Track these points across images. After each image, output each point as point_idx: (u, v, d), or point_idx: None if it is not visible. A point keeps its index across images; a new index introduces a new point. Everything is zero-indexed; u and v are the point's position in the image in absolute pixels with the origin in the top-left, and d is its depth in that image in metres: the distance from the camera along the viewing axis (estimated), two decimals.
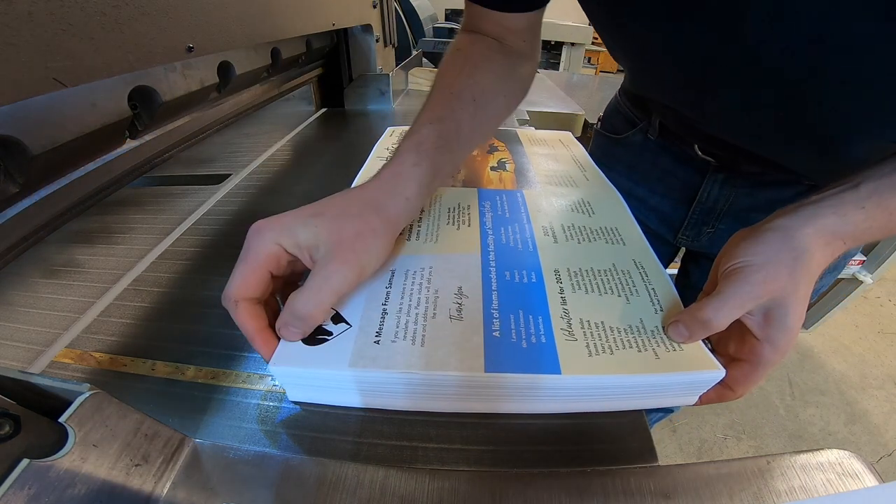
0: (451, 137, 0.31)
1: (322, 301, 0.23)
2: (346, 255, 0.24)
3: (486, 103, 0.34)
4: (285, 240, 0.24)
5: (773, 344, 0.24)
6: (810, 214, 0.25)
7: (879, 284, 1.46)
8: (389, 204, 0.27)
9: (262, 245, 0.23)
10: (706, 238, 0.49)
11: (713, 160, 0.43)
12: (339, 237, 0.24)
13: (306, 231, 0.24)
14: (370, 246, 0.25)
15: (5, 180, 0.30)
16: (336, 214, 0.25)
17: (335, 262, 0.23)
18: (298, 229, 0.24)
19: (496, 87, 0.35)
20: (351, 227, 0.24)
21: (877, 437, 1.15)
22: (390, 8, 0.93)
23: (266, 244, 0.23)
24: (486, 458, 0.23)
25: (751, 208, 0.44)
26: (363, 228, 0.25)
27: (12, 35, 0.23)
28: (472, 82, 0.33)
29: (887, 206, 0.25)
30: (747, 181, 0.43)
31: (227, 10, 0.41)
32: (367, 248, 0.25)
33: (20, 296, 0.35)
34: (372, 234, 0.25)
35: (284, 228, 0.24)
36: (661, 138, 0.47)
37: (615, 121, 0.54)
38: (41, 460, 0.16)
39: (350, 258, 0.24)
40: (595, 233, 0.34)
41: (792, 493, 0.20)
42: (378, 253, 0.26)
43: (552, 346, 0.24)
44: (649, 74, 0.41)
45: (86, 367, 0.28)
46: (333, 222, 0.24)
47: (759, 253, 0.24)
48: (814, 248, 0.24)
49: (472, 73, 0.34)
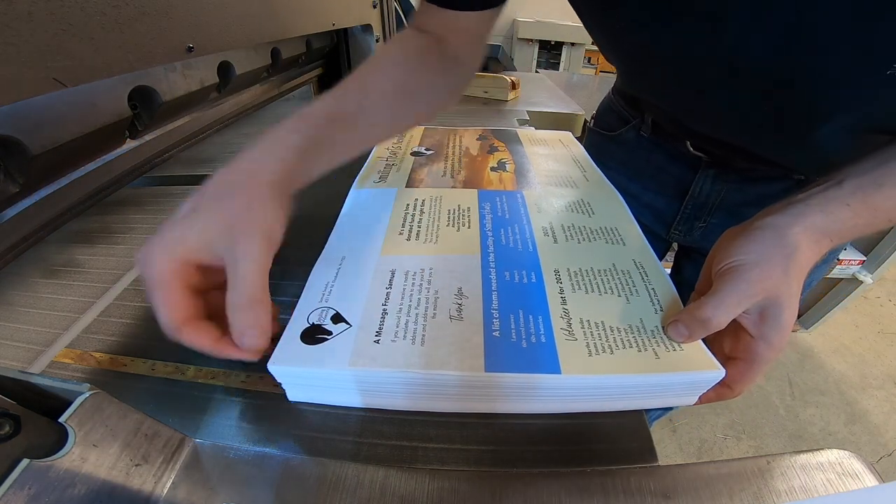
0: (346, 118, 0.30)
1: (249, 292, 0.22)
2: (243, 235, 0.22)
3: (400, 94, 0.33)
4: (175, 252, 0.22)
5: (767, 341, 0.24)
6: (798, 213, 0.25)
7: (879, 284, 1.46)
8: (263, 168, 0.24)
9: (156, 269, 0.21)
10: (698, 233, 0.50)
11: (705, 156, 0.44)
12: (227, 222, 0.22)
13: (190, 234, 0.22)
14: (262, 216, 0.23)
15: (5, 180, 0.30)
16: (211, 202, 0.23)
17: (238, 247, 0.22)
18: (182, 235, 0.22)
19: (418, 83, 0.35)
20: (232, 207, 0.22)
21: (877, 437, 1.15)
22: (390, 8, 0.93)
23: (160, 266, 0.21)
24: (486, 458, 0.23)
25: (742, 203, 0.45)
26: (246, 201, 0.23)
27: (12, 35, 0.23)
28: (392, 73, 0.33)
29: (871, 203, 0.25)
30: (738, 176, 0.44)
31: (227, 10, 0.41)
32: (260, 218, 0.23)
33: (20, 296, 0.35)
34: (259, 204, 0.23)
35: (168, 242, 0.22)
36: (653, 135, 0.48)
37: (608, 118, 0.55)
38: (41, 460, 0.16)
39: (249, 236, 0.22)
40: (595, 233, 0.34)
41: (792, 493, 0.20)
42: (273, 216, 0.23)
43: (552, 345, 0.24)
44: (640, 74, 0.41)
45: (86, 367, 0.28)
46: (213, 212, 0.22)
47: (752, 251, 0.24)
48: (803, 246, 0.25)
49: (392, 68, 0.34)
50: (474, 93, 0.88)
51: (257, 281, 0.22)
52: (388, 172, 0.45)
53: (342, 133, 0.29)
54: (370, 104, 0.31)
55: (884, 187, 0.25)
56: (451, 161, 0.47)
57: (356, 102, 0.31)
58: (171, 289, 0.21)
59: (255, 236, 0.22)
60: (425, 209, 0.37)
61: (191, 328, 0.22)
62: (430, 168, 0.45)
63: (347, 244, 0.33)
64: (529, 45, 2.69)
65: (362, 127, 0.31)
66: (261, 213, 0.23)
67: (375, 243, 0.33)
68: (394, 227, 0.35)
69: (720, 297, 0.24)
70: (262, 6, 0.47)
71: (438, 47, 0.36)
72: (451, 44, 0.36)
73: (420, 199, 0.39)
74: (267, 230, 0.23)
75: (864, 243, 1.26)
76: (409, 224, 0.35)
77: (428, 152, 0.50)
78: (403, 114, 0.35)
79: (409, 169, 0.45)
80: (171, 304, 0.21)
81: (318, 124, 0.28)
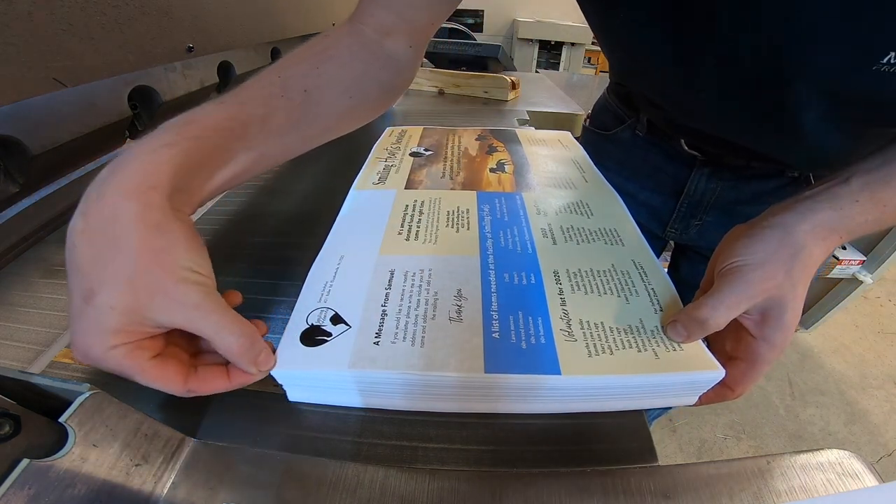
0: (248, 123, 0.25)
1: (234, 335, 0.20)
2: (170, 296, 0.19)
3: (321, 99, 0.29)
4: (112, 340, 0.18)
5: (769, 342, 0.24)
6: (807, 209, 0.25)
7: (879, 284, 1.46)
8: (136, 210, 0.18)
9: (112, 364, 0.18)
10: (694, 231, 0.50)
11: (699, 154, 0.44)
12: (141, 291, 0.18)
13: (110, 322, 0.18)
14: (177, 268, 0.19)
15: (5, 180, 0.30)
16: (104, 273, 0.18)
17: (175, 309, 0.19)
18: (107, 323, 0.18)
19: (345, 85, 0.31)
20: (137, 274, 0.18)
21: (877, 437, 1.15)
22: None
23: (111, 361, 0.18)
24: (486, 458, 0.23)
25: (736, 201, 0.46)
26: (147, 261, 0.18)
27: (12, 35, 0.23)
28: (314, 72, 0.29)
29: (880, 199, 0.25)
30: (732, 174, 0.44)
31: (227, 10, 0.41)
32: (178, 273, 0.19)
33: (20, 296, 0.35)
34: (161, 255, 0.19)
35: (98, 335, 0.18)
36: (648, 134, 0.48)
37: (604, 118, 0.55)
38: (41, 460, 0.16)
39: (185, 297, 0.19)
40: (594, 234, 0.34)
41: (792, 493, 0.20)
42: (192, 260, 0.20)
43: (552, 346, 0.24)
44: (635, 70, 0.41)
45: (86, 367, 0.28)
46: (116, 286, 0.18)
47: (756, 251, 0.24)
48: (811, 245, 0.25)
49: (320, 62, 0.30)
50: (474, 93, 0.88)
51: (234, 331, 0.20)
52: (388, 174, 0.45)
53: (243, 144, 0.25)
54: (281, 110, 0.27)
55: (891, 184, 0.26)
56: (451, 162, 0.47)
57: (264, 108, 0.26)
58: (145, 370, 0.19)
59: (195, 296, 0.19)
60: (424, 210, 0.37)
61: (198, 384, 0.21)
62: (429, 169, 0.45)
63: (346, 244, 0.33)
64: (529, 45, 2.69)
65: (273, 135, 0.27)
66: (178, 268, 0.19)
67: (374, 243, 0.33)
68: (393, 228, 0.35)
69: (719, 297, 0.24)
70: (262, 6, 0.47)
71: (376, 48, 0.32)
72: (391, 44, 0.33)
73: (419, 201, 0.39)
74: (199, 280, 0.20)
75: (864, 243, 1.26)
76: (408, 224, 0.35)
77: (427, 153, 0.50)
78: (323, 124, 0.31)
79: (408, 170, 0.45)
80: (160, 379, 0.19)
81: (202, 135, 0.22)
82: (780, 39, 0.26)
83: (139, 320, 0.19)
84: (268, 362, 0.22)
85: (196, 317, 0.19)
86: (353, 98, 0.32)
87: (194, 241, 0.20)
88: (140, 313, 0.18)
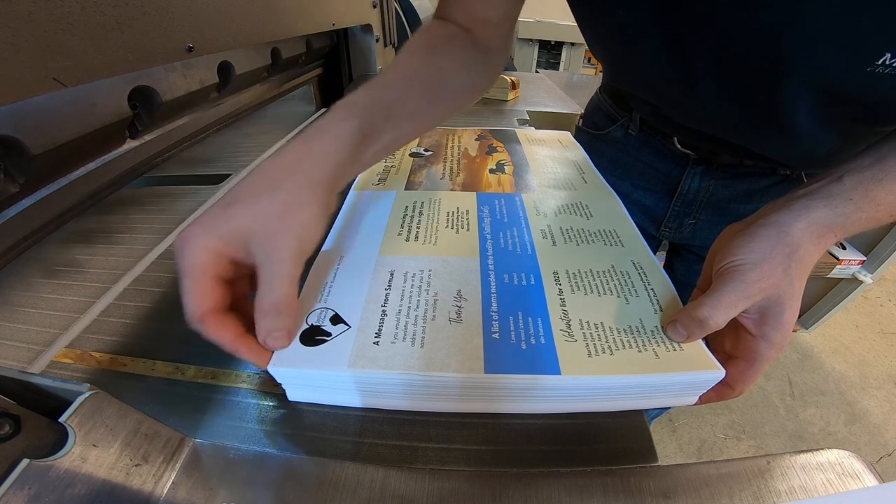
0: (394, 105, 0.28)
1: (278, 298, 0.22)
2: (277, 239, 0.21)
3: (441, 82, 0.33)
4: (211, 242, 0.21)
5: (768, 340, 0.24)
6: (802, 208, 0.26)
7: (879, 284, 1.46)
8: (311, 165, 0.23)
9: (191, 257, 0.21)
10: (688, 230, 0.50)
11: (692, 153, 0.45)
12: (262, 222, 0.21)
13: (227, 226, 0.21)
14: (299, 219, 0.22)
15: (5, 180, 0.30)
16: (252, 197, 0.22)
17: (270, 250, 0.21)
18: (219, 227, 0.21)
19: (455, 71, 0.34)
20: (271, 206, 0.22)
21: (877, 437, 1.15)
22: (390, 8, 0.93)
23: (195, 254, 0.21)
24: (486, 458, 0.23)
25: (730, 199, 0.46)
26: (286, 202, 0.22)
27: (12, 35, 0.23)
28: (430, 59, 0.32)
29: (873, 198, 0.26)
30: (725, 172, 0.45)
31: (227, 10, 0.41)
32: (297, 222, 0.22)
33: (20, 296, 0.35)
34: (297, 206, 0.22)
35: (206, 231, 0.21)
36: (641, 133, 0.49)
37: (596, 118, 0.55)
38: (41, 460, 0.16)
39: (283, 241, 0.21)
40: (593, 235, 0.34)
41: (792, 493, 0.20)
42: (313, 223, 0.23)
43: (552, 346, 0.24)
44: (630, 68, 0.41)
45: (86, 367, 0.28)
46: (251, 207, 0.22)
47: (753, 251, 0.24)
48: (807, 243, 0.25)
49: (431, 53, 0.33)
50: None
51: (286, 287, 0.22)
52: (388, 174, 0.45)
53: (389, 124, 0.28)
54: (416, 95, 0.30)
55: (884, 182, 0.26)
56: (450, 163, 0.47)
57: (402, 93, 0.29)
58: (201, 279, 0.21)
59: (290, 241, 0.21)
60: (424, 211, 0.37)
61: (214, 321, 0.22)
62: (429, 170, 0.45)
63: (345, 244, 0.33)
64: (529, 45, 2.69)
65: (407, 119, 0.30)
66: (298, 217, 0.22)
67: (374, 243, 0.33)
68: (392, 228, 0.35)
69: (718, 297, 0.24)
70: (262, 6, 0.47)
71: (467, 37, 0.35)
72: (479, 33, 0.35)
73: (419, 202, 0.39)
74: (302, 235, 0.22)
75: (864, 243, 1.26)
76: (407, 225, 0.35)
77: (427, 153, 0.50)
78: (444, 106, 0.34)
79: (408, 170, 0.45)
80: (198, 294, 0.21)
81: (364, 115, 0.26)
82: (776, 39, 0.26)
83: (243, 243, 0.21)
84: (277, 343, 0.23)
85: (272, 256, 0.21)
86: (463, 83, 0.35)
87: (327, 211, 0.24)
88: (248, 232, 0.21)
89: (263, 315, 0.22)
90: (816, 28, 0.24)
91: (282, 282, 0.22)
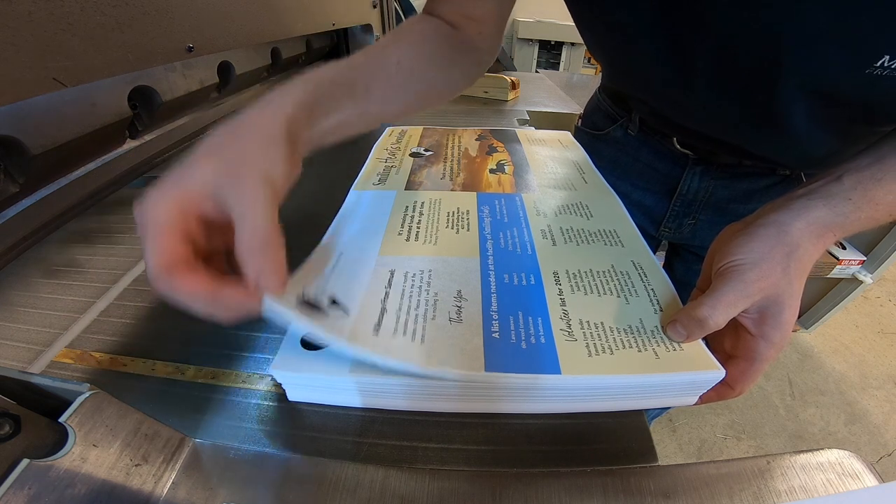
0: (356, 85, 0.28)
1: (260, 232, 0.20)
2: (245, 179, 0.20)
3: (412, 71, 0.32)
4: (173, 196, 0.20)
5: (768, 340, 0.24)
6: (801, 207, 0.26)
7: (879, 284, 1.46)
8: (265, 119, 0.23)
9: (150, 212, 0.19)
10: (688, 230, 0.50)
11: (692, 153, 0.45)
12: (227, 167, 0.21)
13: (190, 181, 0.20)
14: (264, 162, 0.21)
15: (5, 180, 0.30)
16: (210, 152, 0.21)
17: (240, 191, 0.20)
18: (181, 182, 0.20)
19: (431, 62, 0.34)
20: (233, 153, 0.21)
21: (877, 437, 1.15)
22: (390, 8, 0.93)
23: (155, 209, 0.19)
24: (486, 458, 0.23)
25: (729, 199, 0.46)
26: (246, 150, 0.21)
27: (12, 35, 0.23)
28: (404, 48, 0.32)
29: (872, 198, 0.26)
30: (725, 173, 0.44)
31: (227, 10, 0.41)
32: (261, 165, 0.21)
33: (20, 296, 0.35)
34: (259, 152, 0.21)
35: (168, 187, 0.20)
36: (641, 133, 0.48)
37: (596, 118, 0.55)
38: (41, 460, 0.16)
39: (251, 179, 0.20)
40: (593, 235, 0.34)
41: (792, 493, 0.20)
42: (278, 166, 0.22)
43: (552, 346, 0.24)
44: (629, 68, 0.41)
45: (86, 367, 0.28)
46: (211, 160, 0.21)
47: (752, 250, 0.24)
48: (806, 243, 0.25)
49: (409, 41, 0.33)
50: (474, 93, 0.88)
51: (266, 221, 0.20)
52: (388, 174, 0.45)
53: (350, 100, 0.28)
54: (384, 77, 0.30)
55: (882, 181, 0.26)
56: (451, 163, 0.47)
57: (368, 73, 0.29)
58: (161, 233, 0.19)
59: (258, 180, 0.20)
60: (424, 211, 0.37)
61: (180, 273, 0.19)
62: (429, 170, 0.45)
63: (345, 243, 0.33)
64: (529, 45, 2.69)
65: (373, 99, 0.30)
66: (263, 159, 0.21)
67: (374, 243, 0.33)
68: (393, 228, 0.35)
69: (717, 296, 0.24)
70: (262, 6, 0.47)
71: (452, 32, 0.35)
72: (466, 32, 0.35)
73: (419, 202, 0.39)
74: (269, 175, 0.21)
75: (864, 243, 1.26)
76: (408, 225, 0.35)
77: (427, 153, 0.50)
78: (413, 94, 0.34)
79: (408, 170, 0.45)
80: (158, 248, 0.19)
81: (323, 85, 0.27)
82: (775, 40, 0.26)
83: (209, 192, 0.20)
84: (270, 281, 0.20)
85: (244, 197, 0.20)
86: (440, 71, 0.35)
87: (290, 161, 0.23)
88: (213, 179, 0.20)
89: (250, 254, 0.20)
90: (816, 29, 0.24)
91: (261, 217, 0.20)
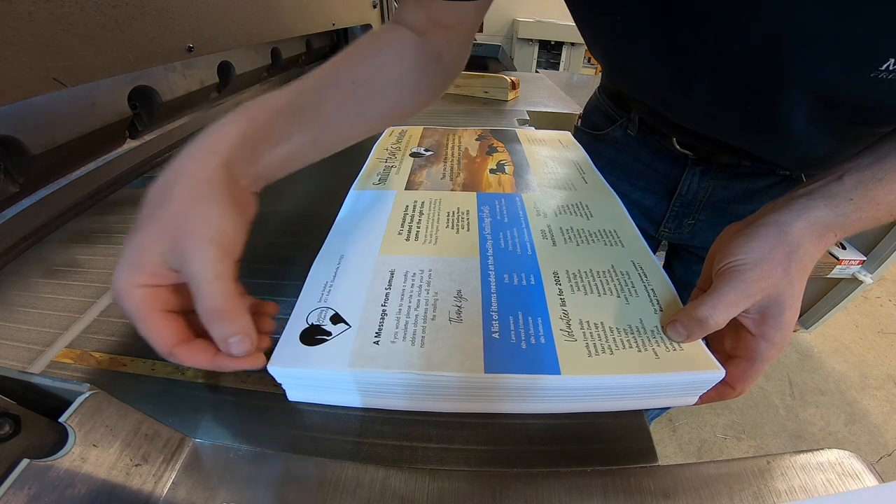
0: (303, 108, 0.27)
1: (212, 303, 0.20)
2: (189, 246, 0.20)
3: (370, 90, 0.31)
4: (136, 279, 0.20)
5: (768, 340, 0.24)
6: (802, 207, 0.25)
7: (879, 284, 1.46)
8: (196, 166, 0.22)
9: (127, 301, 0.20)
10: (687, 230, 0.50)
11: (691, 153, 0.45)
12: (169, 235, 0.20)
13: (141, 257, 0.20)
14: (202, 218, 0.21)
15: (5, 180, 0.30)
16: (150, 217, 0.21)
17: (187, 259, 0.20)
18: (136, 261, 0.20)
19: (391, 77, 0.33)
20: (170, 216, 0.20)
21: (877, 437, 1.15)
22: (390, 8, 0.93)
23: (130, 297, 0.20)
24: (486, 458, 0.23)
25: (729, 199, 0.46)
26: (182, 207, 0.21)
27: (12, 35, 0.23)
28: (362, 66, 0.31)
29: (873, 197, 0.25)
30: (724, 173, 0.44)
31: (227, 10, 0.41)
32: (200, 222, 0.20)
33: (20, 296, 0.35)
34: (194, 207, 0.21)
35: (128, 270, 0.20)
36: (640, 133, 0.48)
37: (595, 118, 0.55)
38: (41, 460, 0.16)
39: (195, 245, 0.20)
40: (593, 235, 0.34)
41: (792, 493, 0.20)
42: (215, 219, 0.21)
43: (552, 346, 0.24)
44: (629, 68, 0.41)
45: (86, 367, 0.28)
46: (152, 226, 0.21)
47: (752, 250, 0.24)
48: (807, 243, 0.25)
49: (367, 56, 0.32)
50: (474, 93, 0.88)
51: (216, 290, 0.20)
52: (388, 174, 0.45)
53: (297, 128, 0.27)
54: (336, 99, 0.29)
55: (883, 181, 0.26)
56: (451, 163, 0.47)
57: (319, 96, 0.29)
58: (149, 317, 0.20)
59: (200, 243, 0.20)
60: (425, 211, 0.37)
61: (183, 350, 0.21)
62: (429, 170, 0.45)
63: (346, 243, 0.33)
64: (529, 45, 2.69)
65: (326, 124, 0.29)
66: (200, 220, 0.21)
67: (374, 242, 0.33)
68: (393, 228, 0.35)
69: (717, 296, 0.24)
70: (262, 6, 0.47)
71: (419, 43, 0.34)
72: (434, 41, 0.34)
73: (419, 202, 0.39)
74: (212, 233, 0.21)
75: (864, 243, 1.26)
76: (408, 225, 0.35)
77: (427, 153, 0.50)
78: (375, 110, 0.33)
79: (408, 170, 0.45)
80: (155, 331, 0.20)
81: (264, 116, 0.25)
82: (777, 42, 0.26)
83: (162, 264, 0.20)
84: (239, 348, 0.21)
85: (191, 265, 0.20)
86: (402, 89, 0.34)
87: (233, 207, 0.22)
88: (161, 253, 0.20)
89: (210, 325, 0.20)
90: (817, 30, 0.24)
91: (211, 286, 0.20)
